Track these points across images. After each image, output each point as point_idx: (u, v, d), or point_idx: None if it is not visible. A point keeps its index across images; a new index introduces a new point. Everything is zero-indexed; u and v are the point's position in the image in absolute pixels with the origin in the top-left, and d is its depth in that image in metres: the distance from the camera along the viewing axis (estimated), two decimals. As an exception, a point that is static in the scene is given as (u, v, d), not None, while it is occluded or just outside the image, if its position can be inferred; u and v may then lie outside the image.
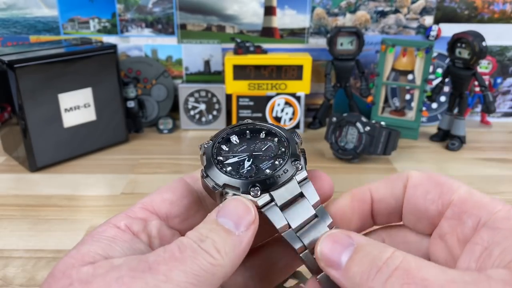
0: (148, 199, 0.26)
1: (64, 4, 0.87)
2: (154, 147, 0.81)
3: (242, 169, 0.25)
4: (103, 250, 0.21)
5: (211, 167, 0.25)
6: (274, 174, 0.24)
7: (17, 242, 0.53)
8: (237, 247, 0.22)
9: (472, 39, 0.75)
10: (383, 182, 0.26)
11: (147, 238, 0.24)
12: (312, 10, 0.89)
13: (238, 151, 0.26)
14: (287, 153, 0.26)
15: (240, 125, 0.27)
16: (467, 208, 0.23)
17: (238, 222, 0.22)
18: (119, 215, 0.24)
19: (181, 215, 0.26)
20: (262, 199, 0.24)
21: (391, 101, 0.91)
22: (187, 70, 0.93)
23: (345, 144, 0.74)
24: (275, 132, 0.27)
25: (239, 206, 0.23)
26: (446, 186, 0.24)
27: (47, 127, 0.70)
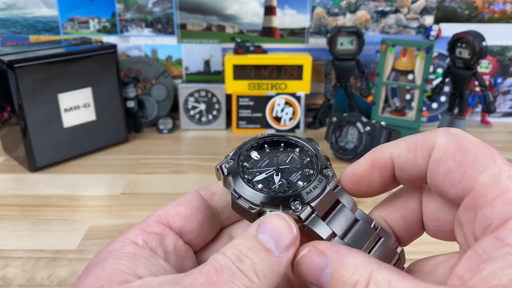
0: (162, 212, 0.25)
1: (64, 4, 0.87)
2: (154, 147, 0.81)
3: (273, 184, 0.24)
4: (128, 269, 0.20)
5: (242, 187, 0.24)
6: (310, 186, 0.24)
7: (17, 242, 0.53)
8: (275, 270, 0.20)
9: (472, 39, 0.75)
10: (407, 147, 0.23)
11: (164, 254, 0.23)
12: (312, 10, 0.88)
13: (262, 167, 0.25)
14: (315, 162, 0.25)
15: (257, 139, 0.27)
16: (483, 203, 0.19)
17: (279, 241, 0.21)
18: (134, 229, 0.23)
19: (195, 230, 0.25)
20: (305, 212, 0.23)
21: (391, 101, 0.91)
22: (187, 70, 0.93)
23: (345, 144, 0.74)
24: (295, 142, 0.27)
25: (281, 223, 0.21)
26: (472, 166, 0.20)
27: (47, 127, 0.70)
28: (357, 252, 0.21)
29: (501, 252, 0.18)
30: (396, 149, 0.23)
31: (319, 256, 0.21)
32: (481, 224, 0.19)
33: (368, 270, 0.20)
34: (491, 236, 0.18)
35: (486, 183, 0.20)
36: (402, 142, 0.23)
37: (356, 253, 0.21)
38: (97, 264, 0.21)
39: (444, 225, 0.23)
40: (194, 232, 0.25)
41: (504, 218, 0.18)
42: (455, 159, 0.21)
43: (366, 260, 0.20)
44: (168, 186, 0.66)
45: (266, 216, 0.22)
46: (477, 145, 0.21)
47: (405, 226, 0.25)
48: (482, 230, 0.19)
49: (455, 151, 0.21)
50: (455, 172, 0.21)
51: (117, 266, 0.20)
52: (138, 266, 0.21)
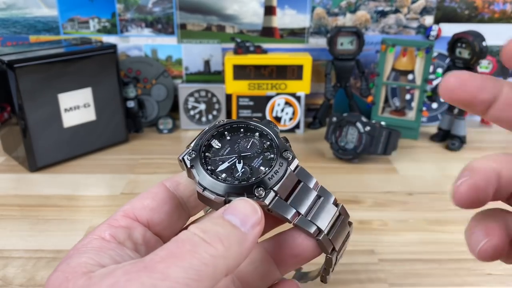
0: (129, 206, 0.25)
1: (63, 4, 0.87)
2: (154, 147, 0.81)
3: (236, 172, 0.25)
4: (93, 260, 0.21)
5: (206, 179, 0.24)
6: (272, 171, 0.25)
7: (17, 242, 0.53)
8: (241, 243, 0.21)
9: (472, 39, 0.75)
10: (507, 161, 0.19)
11: (133, 246, 0.24)
12: (312, 10, 0.88)
13: (224, 155, 0.26)
14: (274, 146, 0.26)
15: (216, 127, 0.27)
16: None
17: (245, 220, 0.22)
18: (102, 225, 0.24)
19: (163, 222, 0.25)
20: (268, 198, 0.24)
21: (391, 101, 0.91)
22: (187, 70, 0.93)
23: (345, 144, 0.74)
24: (254, 127, 0.27)
25: (246, 206, 0.22)
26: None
27: (47, 127, 0.70)
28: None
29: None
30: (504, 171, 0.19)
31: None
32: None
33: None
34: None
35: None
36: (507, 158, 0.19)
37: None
38: (64, 261, 0.21)
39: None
40: (162, 223, 0.25)
41: None
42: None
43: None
44: (168, 186, 0.66)
45: (232, 201, 0.23)
46: None
47: None
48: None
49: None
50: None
51: (81, 260, 0.21)
52: (103, 257, 0.21)
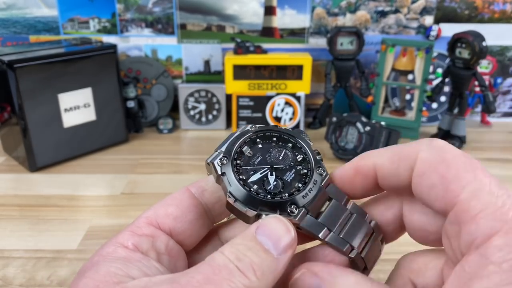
0: (152, 213, 0.25)
1: (64, 4, 0.87)
2: (154, 147, 0.81)
3: (268, 185, 0.24)
4: (122, 271, 0.20)
5: (238, 189, 0.23)
6: (306, 189, 0.24)
7: (17, 242, 0.53)
8: (273, 271, 0.21)
9: (472, 39, 0.75)
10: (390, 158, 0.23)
11: (156, 256, 0.23)
12: (312, 10, 0.88)
13: (256, 165, 0.25)
14: (308, 160, 0.25)
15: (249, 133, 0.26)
16: (466, 219, 0.20)
17: (278, 243, 0.21)
18: (125, 232, 0.23)
19: (186, 231, 0.25)
20: (301, 215, 0.23)
21: (391, 101, 0.91)
22: (187, 70, 0.93)
23: (345, 144, 0.74)
24: (287, 137, 0.26)
25: (280, 226, 0.22)
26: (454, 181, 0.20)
27: (47, 127, 0.70)
28: (350, 272, 0.21)
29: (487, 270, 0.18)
30: (380, 159, 0.24)
31: (312, 278, 0.22)
32: (466, 240, 0.19)
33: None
34: (477, 253, 0.19)
35: (468, 198, 0.20)
36: (386, 152, 0.24)
37: (349, 273, 0.21)
38: (90, 267, 0.21)
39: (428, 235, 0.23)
40: (185, 232, 0.25)
41: (487, 235, 0.19)
42: (438, 173, 0.21)
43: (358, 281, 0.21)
44: (168, 186, 0.66)
45: (265, 219, 0.22)
46: (459, 158, 0.21)
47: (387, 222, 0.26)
48: (467, 246, 0.19)
49: (438, 164, 0.21)
50: (438, 187, 0.21)
51: (110, 269, 0.20)
52: (131, 268, 0.21)
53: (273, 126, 0.27)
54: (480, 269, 0.18)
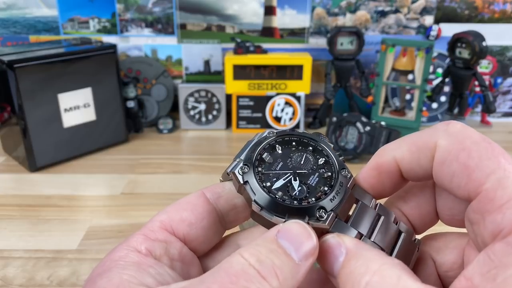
0: (166, 217, 0.24)
1: (64, 4, 0.87)
2: (154, 147, 0.81)
3: (293, 191, 0.23)
4: (135, 279, 0.20)
5: (263, 197, 0.23)
6: (332, 192, 0.23)
7: (17, 242, 0.53)
8: (294, 277, 0.20)
9: (472, 39, 0.75)
10: (409, 149, 0.23)
11: (169, 262, 0.22)
12: (312, 10, 0.88)
13: (277, 170, 0.24)
14: (331, 163, 0.25)
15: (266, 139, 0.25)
16: (492, 209, 0.19)
17: (300, 248, 0.20)
18: (138, 236, 0.22)
19: (200, 237, 0.24)
20: (330, 220, 0.23)
21: (391, 101, 0.91)
22: (187, 70, 0.93)
23: (345, 144, 0.74)
24: (307, 141, 0.26)
25: (302, 231, 0.21)
26: (477, 169, 0.20)
27: (47, 127, 0.70)
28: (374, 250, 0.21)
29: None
30: (399, 152, 0.23)
31: (338, 244, 0.21)
32: (491, 229, 0.19)
33: (379, 262, 0.20)
34: (503, 242, 0.18)
35: (494, 187, 0.19)
36: (404, 143, 0.23)
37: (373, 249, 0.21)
38: (102, 274, 0.20)
39: (457, 214, 0.23)
40: (199, 238, 0.24)
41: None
42: (459, 161, 0.20)
43: (379, 254, 0.20)
44: (168, 186, 0.66)
45: (286, 223, 0.21)
46: (479, 144, 0.20)
47: (420, 216, 0.25)
48: (493, 235, 0.19)
49: (458, 152, 0.20)
50: (460, 175, 0.20)
51: (123, 277, 0.20)
52: (144, 275, 0.20)
53: (291, 131, 0.26)
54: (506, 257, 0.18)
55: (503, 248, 0.18)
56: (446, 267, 0.24)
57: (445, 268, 0.24)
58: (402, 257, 0.23)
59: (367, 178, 0.25)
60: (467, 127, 0.21)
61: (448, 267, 0.24)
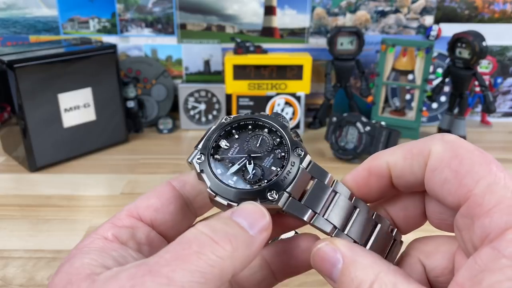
0: (133, 205, 0.25)
1: (63, 4, 0.87)
2: (154, 147, 0.81)
3: (247, 175, 0.24)
4: (96, 261, 0.20)
5: (217, 184, 0.24)
6: (284, 171, 0.24)
7: (17, 242, 0.53)
8: (249, 246, 0.20)
9: (472, 39, 0.75)
10: (403, 155, 0.23)
11: (137, 246, 0.23)
12: (312, 10, 0.88)
13: (234, 156, 0.25)
14: (284, 142, 0.25)
15: (222, 126, 0.26)
16: (480, 213, 0.19)
17: (253, 223, 0.21)
18: (105, 224, 0.23)
19: (167, 222, 0.25)
20: (282, 200, 0.23)
21: (391, 101, 0.91)
22: (187, 70, 0.93)
23: (345, 144, 0.74)
24: (262, 122, 0.26)
25: (255, 209, 0.22)
26: (468, 174, 0.20)
27: (46, 127, 0.70)
28: (368, 253, 0.22)
29: (499, 264, 0.18)
30: (393, 158, 0.24)
31: (333, 252, 0.22)
32: (479, 234, 0.19)
33: (375, 271, 0.20)
34: (489, 247, 0.19)
35: (482, 192, 0.20)
36: (399, 150, 0.24)
37: (368, 254, 0.22)
38: (67, 261, 0.21)
39: (447, 218, 0.24)
40: (167, 223, 0.25)
41: (501, 229, 0.19)
42: (451, 168, 0.21)
43: (375, 261, 0.21)
44: (168, 186, 0.66)
45: (240, 204, 0.22)
46: (472, 153, 0.21)
47: (406, 217, 0.25)
48: (480, 239, 0.19)
49: (451, 159, 0.21)
50: (451, 181, 0.21)
51: (84, 260, 0.20)
52: (106, 258, 0.21)
53: (247, 115, 0.27)
54: (492, 262, 0.18)
55: (489, 253, 0.18)
56: (437, 273, 0.24)
57: (436, 274, 0.24)
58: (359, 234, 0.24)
59: (356, 177, 0.25)
60: (461, 138, 0.22)
61: (439, 272, 0.24)
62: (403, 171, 0.23)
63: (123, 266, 0.20)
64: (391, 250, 0.25)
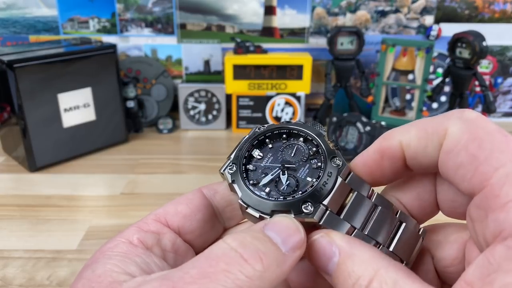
0: (161, 210, 0.24)
1: (63, 3, 0.87)
2: (154, 147, 0.81)
3: (281, 185, 0.23)
4: (118, 267, 0.20)
5: (249, 195, 0.22)
6: (320, 182, 0.22)
7: (17, 242, 0.53)
8: (280, 266, 0.19)
9: (472, 39, 0.75)
10: (417, 135, 0.21)
11: (161, 253, 0.22)
12: (312, 10, 0.88)
13: (267, 166, 0.24)
14: (321, 152, 0.23)
15: (256, 136, 0.25)
16: (495, 206, 0.18)
17: (287, 240, 0.20)
18: (131, 228, 0.22)
19: (195, 230, 0.24)
20: (318, 213, 0.22)
21: (392, 101, 0.91)
22: (187, 70, 0.93)
23: (346, 144, 0.74)
24: (297, 131, 0.25)
25: (290, 224, 0.20)
26: (485, 161, 0.18)
27: (46, 127, 0.70)
28: (368, 247, 0.20)
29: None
30: (406, 137, 0.22)
31: (329, 244, 0.20)
32: (493, 229, 0.18)
33: (375, 266, 0.19)
34: (503, 245, 0.17)
35: (500, 183, 0.18)
36: (413, 128, 0.21)
37: (367, 248, 0.20)
38: (89, 266, 0.20)
39: (459, 207, 0.22)
40: (194, 231, 0.24)
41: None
42: (468, 151, 0.19)
43: (374, 256, 0.20)
44: (168, 186, 0.66)
45: (274, 217, 0.21)
46: (493, 135, 0.19)
47: (420, 206, 0.24)
48: (493, 235, 0.18)
49: (468, 142, 0.19)
50: (467, 167, 0.19)
51: (107, 266, 0.20)
52: (129, 264, 0.20)
53: (282, 123, 0.25)
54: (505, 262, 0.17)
55: (503, 252, 0.17)
56: (446, 263, 0.23)
57: (445, 264, 0.23)
58: (401, 249, 0.22)
59: (368, 161, 0.23)
60: (483, 116, 0.20)
61: (449, 262, 0.22)
62: (417, 151, 0.21)
63: (147, 276, 0.19)
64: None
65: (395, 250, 0.22)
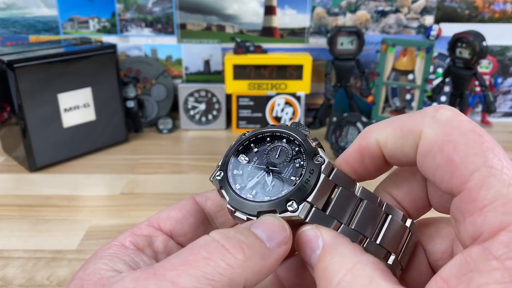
0: (154, 216, 0.25)
1: (63, 3, 0.87)
2: (154, 147, 0.81)
3: (266, 187, 0.24)
4: (107, 266, 0.20)
5: (235, 199, 0.23)
6: (302, 180, 0.23)
7: (17, 242, 0.53)
8: (263, 259, 0.19)
9: (472, 39, 0.75)
10: (392, 134, 0.21)
11: (153, 254, 0.23)
12: (312, 10, 0.88)
13: (253, 169, 0.25)
14: (303, 151, 0.24)
15: (241, 142, 0.26)
16: (473, 209, 0.18)
17: (271, 236, 0.20)
18: (125, 233, 0.23)
19: (187, 233, 0.25)
20: (303, 211, 0.22)
21: (392, 101, 0.91)
22: (187, 70, 0.93)
23: (346, 144, 0.74)
24: (280, 133, 0.25)
25: (274, 222, 0.21)
26: (461, 165, 0.18)
27: (46, 127, 0.70)
28: (351, 245, 0.21)
29: (489, 265, 0.17)
30: (383, 136, 0.22)
31: (315, 237, 0.21)
32: (471, 232, 0.18)
33: (353, 261, 0.19)
34: (480, 247, 0.17)
35: (477, 187, 0.18)
36: (389, 127, 0.22)
37: (350, 245, 0.21)
38: (82, 267, 0.21)
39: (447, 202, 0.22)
40: (187, 234, 0.25)
41: (494, 229, 0.17)
42: (443, 154, 0.19)
43: (355, 252, 0.20)
44: (168, 186, 0.66)
45: (260, 217, 0.22)
46: (467, 137, 0.19)
47: (413, 201, 0.24)
48: (472, 238, 0.18)
49: (444, 144, 0.19)
50: (444, 169, 0.19)
51: (96, 265, 0.20)
52: (117, 262, 0.21)
53: (267, 127, 0.26)
54: (481, 263, 0.17)
55: (480, 253, 0.17)
56: (437, 256, 0.23)
57: (435, 257, 0.23)
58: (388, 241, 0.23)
59: (349, 160, 0.23)
60: (458, 115, 0.20)
61: (439, 256, 0.23)
62: (394, 150, 0.22)
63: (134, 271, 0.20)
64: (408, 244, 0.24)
65: (381, 243, 0.23)
